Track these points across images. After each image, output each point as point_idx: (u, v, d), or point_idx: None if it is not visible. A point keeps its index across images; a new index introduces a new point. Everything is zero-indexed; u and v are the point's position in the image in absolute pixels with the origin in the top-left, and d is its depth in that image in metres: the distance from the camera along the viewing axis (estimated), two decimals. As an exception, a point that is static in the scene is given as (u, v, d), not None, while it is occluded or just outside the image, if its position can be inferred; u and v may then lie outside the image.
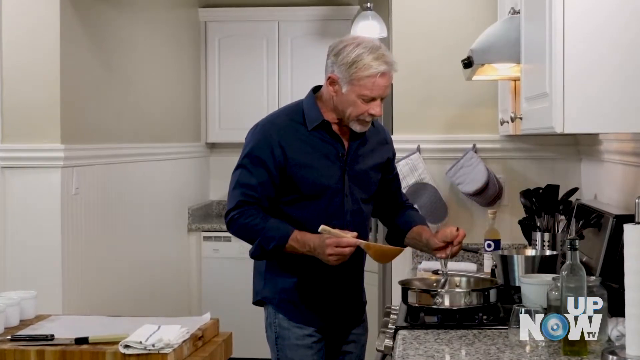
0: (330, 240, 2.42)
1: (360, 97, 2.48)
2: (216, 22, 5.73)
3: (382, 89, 2.48)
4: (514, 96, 2.90)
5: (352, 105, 2.50)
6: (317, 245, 2.45)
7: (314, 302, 2.61)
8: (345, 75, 2.47)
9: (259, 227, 2.51)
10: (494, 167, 3.51)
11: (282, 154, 2.53)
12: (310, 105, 2.60)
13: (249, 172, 2.55)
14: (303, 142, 2.56)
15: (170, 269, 5.01)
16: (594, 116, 1.82)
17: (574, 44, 1.81)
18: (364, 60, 2.45)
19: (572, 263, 1.97)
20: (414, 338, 2.23)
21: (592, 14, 1.81)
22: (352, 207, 2.59)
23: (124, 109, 4.31)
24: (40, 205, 3.57)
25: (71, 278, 3.66)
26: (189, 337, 2.57)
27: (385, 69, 2.47)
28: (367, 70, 2.45)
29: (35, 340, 2.57)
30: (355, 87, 2.47)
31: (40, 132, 3.58)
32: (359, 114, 2.51)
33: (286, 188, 2.56)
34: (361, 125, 2.54)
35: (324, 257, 2.44)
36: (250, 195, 2.53)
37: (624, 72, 1.80)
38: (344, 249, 2.42)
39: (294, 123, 2.58)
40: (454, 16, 3.55)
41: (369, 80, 2.46)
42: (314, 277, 2.60)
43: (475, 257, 3.46)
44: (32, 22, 3.57)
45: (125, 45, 4.34)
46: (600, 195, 3.12)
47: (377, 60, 2.46)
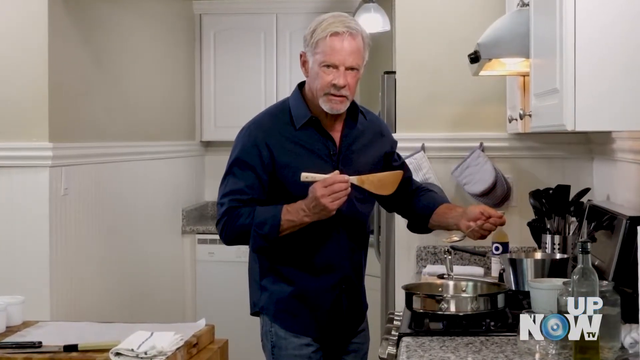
0: (317, 183, 2.37)
1: (322, 65, 2.46)
2: (211, 15, 5.73)
3: (340, 53, 2.45)
4: (523, 92, 2.90)
5: (316, 79, 2.48)
6: (308, 201, 2.40)
7: (311, 311, 2.60)
8: (309, 46, 2.49)
9: (248, 221, 2.49)
10: (502, 166, 3.51)
11: (269, 157, 2.51)
12: (296, 102, 2.58)
13: (236, 177, 2.54)
14: (291, 143, 2.54)
15: (164, 273, 5.02)
16: (606, 113, 1.82)
17: (585, 37, 1.81)
18: (322, 24, 2.48)
19: (584, 267, 1.97)
20: (418, 345, 2.22)
21: (605, 6, 1.81)
22: (345, 207, 2.52)
23: (115, 106, 4.31)
24: (27, 207, 3.57)
25: (60, 282, 3.66)
26: (183, 345, 2.58)
27: (340, 29, 2.46)
28: (322, 32, 2.47)
29: (22, 347, 2.57)
30: (316, 55, 2.47)
31: (27, 130, 3.58)
32: (324, 87, 2.47)
33: (277, 191, 2.54)
34: (330, 103, 2.50)
35: (321, 208, 2.38)
36: (238, 200, 2.52)
37: (638, 67, 1.79)
38: (333, 186, 2.36)
39: (281, 123, 2.56)
40: (460, 9, 3.55)
41: (324, 43, 2.46)
42: (311, 286, 2.59)
43: (482, 260, 3.46)
44: (19, 15, 3.57)
45: (117, 39, 4.34)
46: (613, 196, 3.12)
47: (335, 23, 2.47)
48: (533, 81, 2.31)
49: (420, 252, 3.56)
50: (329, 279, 2.58)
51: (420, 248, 3.57)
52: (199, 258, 5.41)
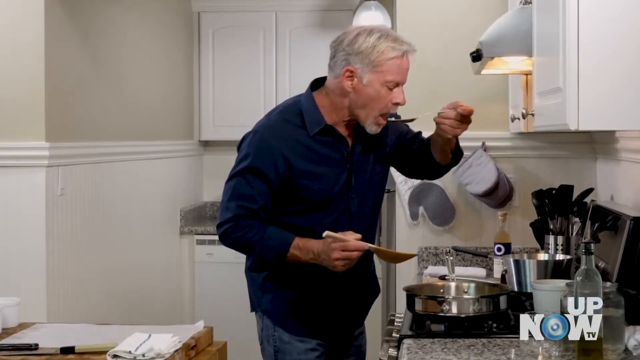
0: (336, 244, 2.38)
1: (385, 84, 2.45)
2: (210, 13, 5.72)
3: (405, 71, 2.49)
4: (526, 91, 2.90)
5: (375, 97, 2.45)
6: (321, 251, 2.41)
7: (319, 313, 2.59)
8: (366, 63, 2.43)
9: (255, 239, 2.47)
10: (505, 166, 3.51)
11: (285, 165, 2.47)
12: (309, 107, 2.54)
13: (247, 182, 2.49)
14: (306, 149, 2.51)
15: (162, 274, 5.01)
16: (610, 112, 1.82)
17: (589, 36, 1.81)
18: (385, 43, 2.44)
19: (587, 268, 1.97)
20: (419, 347, 2.22)
21: (609, 3, 1.81)
22: (358, 207, 2.57)
23: (112, 105, 4.31)
24: (23, 207, 3.57)
25: (56, 284, 3.66)
26: (181, 347, 2.57)
27: (408, 48, 2.47)
28: (391, 52, 2.44)
29: (18, 350, 2.56)
30: (378, 74, 2.44)
31: (23, 130, 3.57)
32: (383, 106, 2.46)
33: (290, 199, 2.51)
34: (377, 126, 2.50)
35: (329, 264, 2.41)
36: (247, 208, 2.48)
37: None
38: (352, 252, 2.38)
39: (294, 127, 2.52)
40: (462, 6, 3.55)
41: (394, 63, 2.44)
42: (317, 289, 2.57)
43: (484, 261, 3.46)
44: (15, 13, 3.57)
45: (114, 37, 4.34)
46: (617, 196, 3.12)
47: (397, 41, 2.46)
48: (536, 80, 2.31)
49: (421, 253, 3.56)
50: (337, 280, 2.55)
51: (421, 249, 3.57)
52: (197, 259, 5.41)
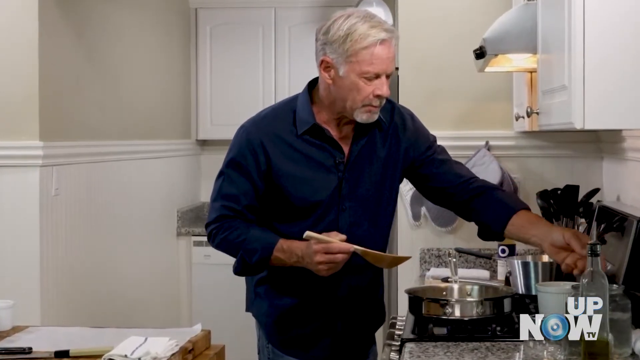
0: (319, 246, 2.28)
1: (362, 75, 2.30)
2: (207, 9, 5.73)
3: (384, 61, 2.30)
4: (530, 89, 2.90)
5: (353, 89, 2.31)
6: (305, 254, 2.31)
7: (316, 328, 2.50)
8: (340, 53, 2.29)
9: (239, 240, 2.42)
10: (509, 166, 3.51)
11: (266, 162, 2.41)
12: (303, 104, 2.44)
13: (231, 180, 2.45)
14: (290, 147, 2.42)
15: (158, 276, 5.02)
16: (616, 111, 1.82)
17: (595, 33, 1.81)
18: (359, 29, 2.28)
19: (593, 270, 1.97)
20: (421, 351, 2.22)
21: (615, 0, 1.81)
22: (350, 221, 2.45)
23: (108, 104, 4.31)
24: (17, 208, 3.57)
25: (51, 286, 3.66)
26: (178, 350, 2.57)
27: (385, 36, 2.29)
28: (364, 40, 2.28)
29: (11, 353, 2.56)
30: (353, 64, 2.29)
31: (16, 128, 3.58)
32: (364, 98, 2.32)
33: (276, 202, 2.45)
34: (368, 114, 2.35)
35: (313, 267, 2.31)
36: (231, 208, 2.44)
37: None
38: (335, 255, 2.27)
39: (283, 124, 2.44)
40: (465, 3, 3.56)
41: (367, 52, 2.28)
42: (316, 298, 2.48)
43: (488, 263, 3.47)
44: (9, 10, 3.57)
45: (109, 34, 4.34)
46: (624, 197, 3.12)
47: (374, 28, 2.29)
48: (540, 78, 2.31)
49: (423, 255, 3.56)
50: (337, 290, 2.48)
51: (423, 250, 3.57)
52: (194, 261, 5.40)
